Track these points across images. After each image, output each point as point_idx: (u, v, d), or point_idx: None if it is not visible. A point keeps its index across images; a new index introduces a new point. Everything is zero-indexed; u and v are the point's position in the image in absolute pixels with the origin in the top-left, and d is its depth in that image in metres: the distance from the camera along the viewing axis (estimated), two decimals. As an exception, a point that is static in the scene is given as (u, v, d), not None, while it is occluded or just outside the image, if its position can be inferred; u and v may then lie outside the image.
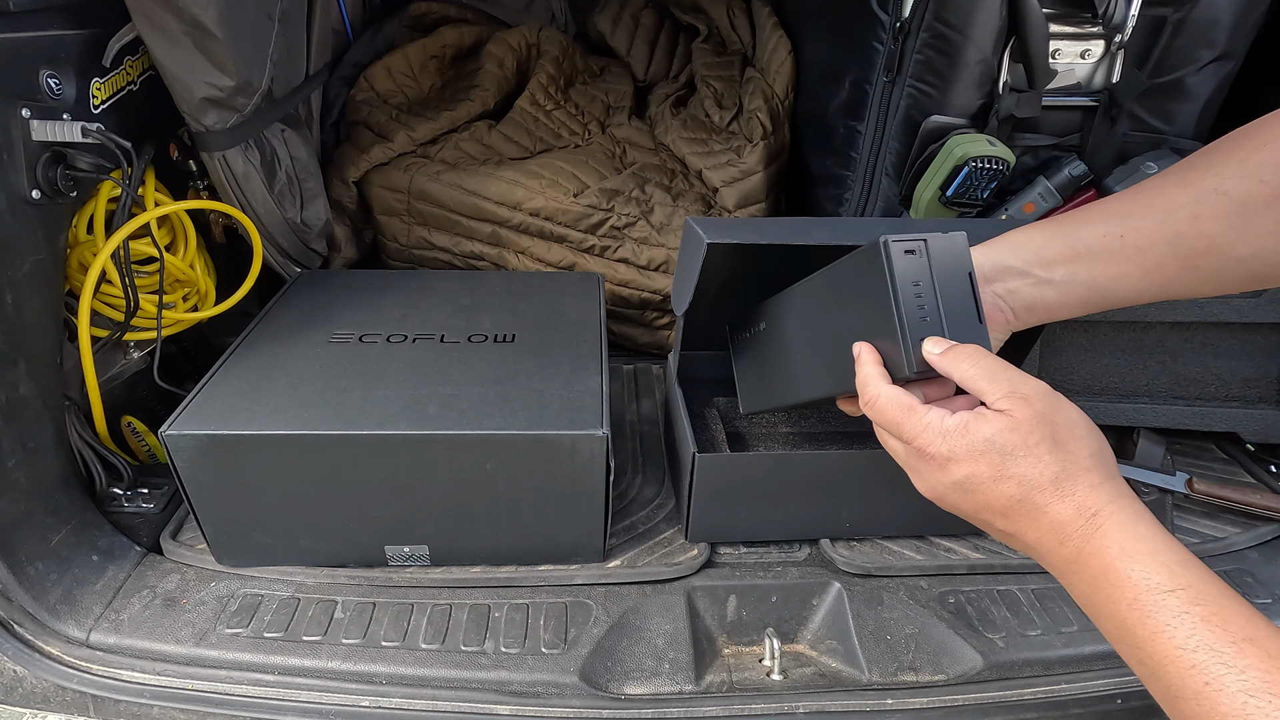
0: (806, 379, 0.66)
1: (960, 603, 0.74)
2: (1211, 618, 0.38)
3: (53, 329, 0.74)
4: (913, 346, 0.51)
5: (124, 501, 0.81)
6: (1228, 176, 0.48)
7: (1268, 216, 0.47)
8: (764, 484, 0.75)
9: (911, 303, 0.51)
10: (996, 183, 0.86)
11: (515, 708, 0.65)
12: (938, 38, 0.85)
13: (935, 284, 0.52)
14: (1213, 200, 0.49)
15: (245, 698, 0.66)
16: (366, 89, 1.25)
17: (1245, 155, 0.48)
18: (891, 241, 0.52)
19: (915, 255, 0.52)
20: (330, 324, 0.84)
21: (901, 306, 0.51)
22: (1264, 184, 0.47)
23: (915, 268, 0.52)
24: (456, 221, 1.12)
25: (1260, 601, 0.75)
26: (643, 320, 1.13)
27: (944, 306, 0.52)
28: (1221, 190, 0.48)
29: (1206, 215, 0.49)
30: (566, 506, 0.72)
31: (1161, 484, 0.87)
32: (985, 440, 0.45)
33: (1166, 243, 0.51)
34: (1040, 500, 0.44)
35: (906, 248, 0.52)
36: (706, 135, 1.24)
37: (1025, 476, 0.44)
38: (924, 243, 0.52)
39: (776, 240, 0.67)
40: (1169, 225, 0.50)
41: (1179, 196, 0.50)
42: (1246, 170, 0.48)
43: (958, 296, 0.52)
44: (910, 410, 0.49)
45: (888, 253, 0.52)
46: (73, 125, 0.68)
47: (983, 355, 0.48)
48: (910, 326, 0.51)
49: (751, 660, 0.71)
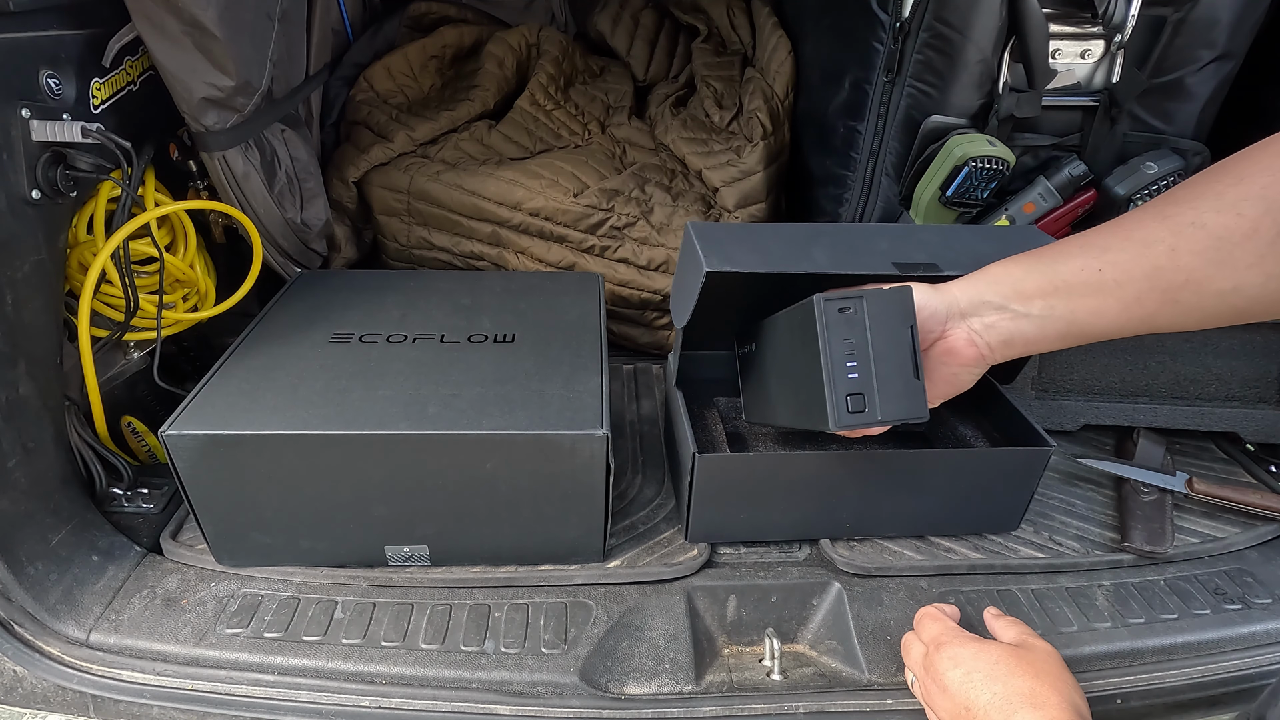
0: (782, 407, 0.70)
1: (960, 603, 0.74)
2: None
3: (53, 329, 0.74)
4: (837, 402, 0.54)
5: (124, 501, 0.81)
6: (1205, 210, 0.48)
7: (1247, 250, 0.46)
8: (764, 484, 0.75)
9: (840, 360, 0.55)
10: (996, 183, 0.86)
11: (515, 708, 0.65)
12: (937, 38, 0.85)
13: (870, 342, 0.55)
14: (1190, 234, 0.48)
15: (245, 698, 0.66)
16: (366, 89, 1.25)
17: (1222, 189, 0.48)
18: (824, 301, 0.55)
19: (850, 312, 0.55)
20: (330, 324, 0.84)
21: (829, 361, 0.54)
22: (1241, 217, 0.46)
23: (849, 323, 0.55)
24: (456, 221, 1.12)
25: (1260, 601, 0.76)
26: (643, 320, 1.13)
27: (876, 365, 0.55)
28: (1199, 224, 0.48)
29: (1184, 249, 0.49)
30: (566, 506, 0.72)
31: (1161, 484, 0.87)
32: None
33: (1145, 277, 0.50)
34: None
35: (840, 305, 0.55)
36: (706, 135, 1.24)
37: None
38: (861, 299, 0.56)
39: (775, 268, 0.67)
40: (1147, 259, 0.50)
41: (1157, 230, 0.50)
42: (1224, 204, 0.47)
43: (893, 352, 0.55)
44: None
45: (821, 311, 0.55)
46: (73, 125, 0.68)
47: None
48: (835, 383, 0.55)
49: (751, 660, 0.71)
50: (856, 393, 0.55)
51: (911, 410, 0.55)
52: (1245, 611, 0.75)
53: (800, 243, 0.72)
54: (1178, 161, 0.87)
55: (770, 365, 0.71)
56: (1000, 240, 0.76)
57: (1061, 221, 0.91)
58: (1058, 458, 0.92)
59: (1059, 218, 0.91)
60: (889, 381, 0.55)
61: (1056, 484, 0.90)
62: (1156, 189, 0.86)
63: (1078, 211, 0.91)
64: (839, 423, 0.54)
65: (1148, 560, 0.80)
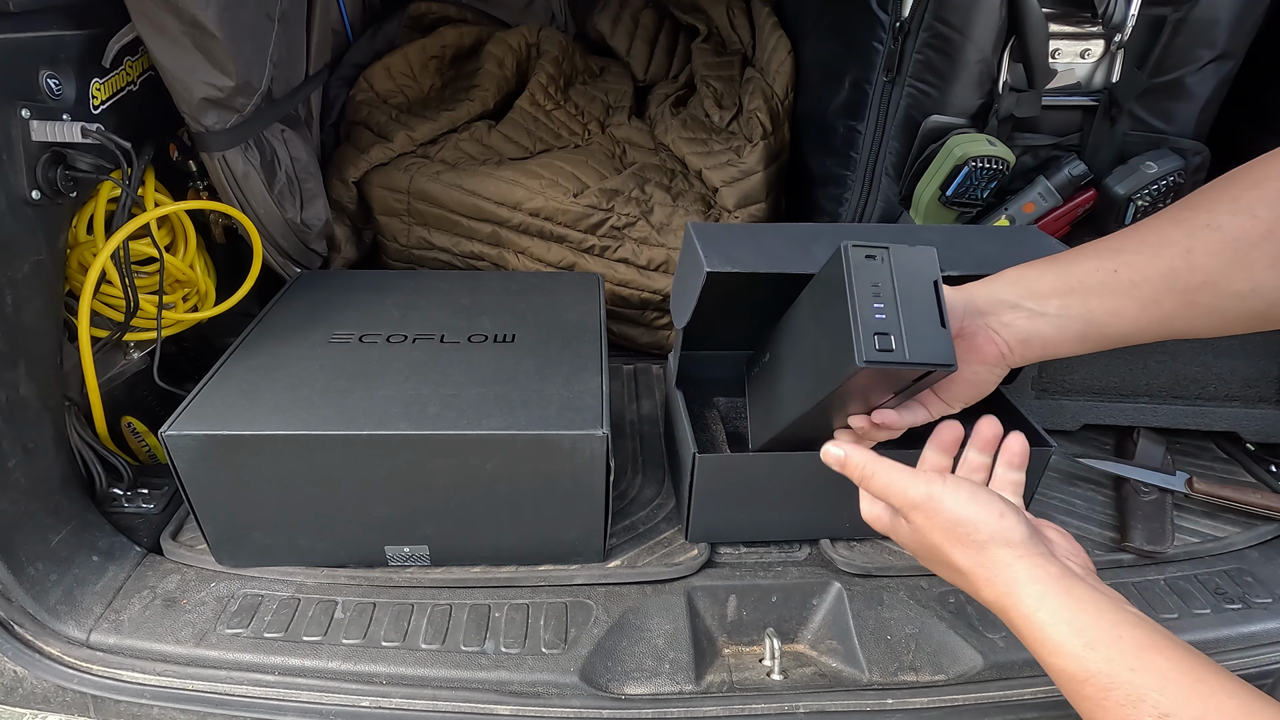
0: (794, 395, 0.68)
1: (960, 602, 0.74)
2: (1125, 702, 0.39)
3: (53, 329, 0.74)
4: (864, 338, 0.53)
5: (124, 502, 0.81)
6: (1220, 213, 0.48)
7: (1264, 251, 0.47)
8: (764, 484, 0.75)
9: (867, 301, 0.54)
10: (996, 182, 0.86)
11: (515, 708, 0.65)
12: (937, 37, 0.85)
13: (896, 288, 0.54)
14: (1206, 235, 0.49)
15: (245, 698, 0.66)
16: (366, 89, 1.25)
17: (1238, 193, 0.48)
18: (852, 246, 0.55)
19: (876, 260, 0.55)
20: (330, 324, 0.84)
21: (856, 302, 0.53)
22: (1257, 219, 0.47)
23: (875, 271, 0.55)
24: (456, 222, 1.12)
25: (1260, 601, 0.76)
26: (643, 320, 1.13)
27: (903, 309, 0.54)
28: (1215, 226, 0.48)
29: (1200, 250, 0.49)
30: (566, 506, 0.72)
31: (1161, 484, 0.87)
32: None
33: (1161, 277, 0.50)
34: (971, 587, 0.50)
35: (867, 253, 0.55)
36: (706, 135, 1.24)
37: (948, 570, 0.52)
38: (886, 250, 0.55)
39: (776, 268, 0.67)
40: (1163, 260, 0.50)
41: (1172, 232, 0.51)
42: (1239, 207, 0.48)
43: (919, 301, 0.54)
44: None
45: (847, 255, 0.55)
46: (72, 126, 0.68)
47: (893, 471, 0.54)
48: (863, 321, 0.53)
49: (752, 660, 0.71)
50: (884, 332, 0.53)
51: (939, 354, 0.53)
52: (1245, 611, 0.75)
53: (801, 243, 0.72)
54: (1178, 161, 0.87)
55: (786, 358, 0.69)
56: (1002, 241, 0.76)
57: (1061, 221, 0.91)
58: (1058, 458, 0.92)
59: (1059, 217, 0.91)
60: (916, 327, 0.53)
61: (1056, 484, 0.90)
62: (1156, 189, 0.86)
63: (1078, 211, 0.91)
64: (866, 357, 0.52)
65: (1148, 560, 0.80)
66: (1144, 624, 0.42)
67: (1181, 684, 0.38)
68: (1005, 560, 0.47)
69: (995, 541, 0.48)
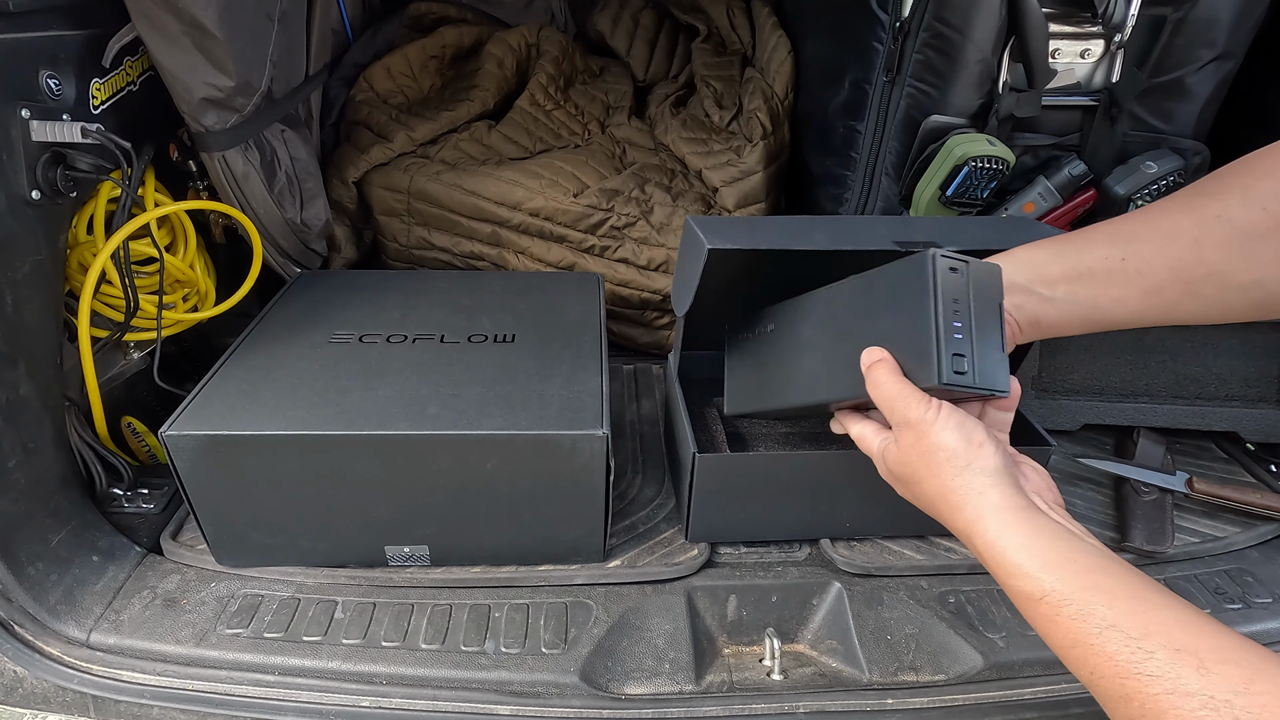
0: (817, 382, 0.66)
1: (960, 602, 0.74)
2: (1076, 616, 0.42)
3: (53, 329, 0.74)
4: (944, 358, 0.52)
5: (124, 502, 0.81)
6: (1232, 204, 0.49)
7: (1270, 245, 0.47)
8: (764, 484, 0.75)
9: (949, 319, 0.53)
10: (996, 182, 0.86)
11: (515, 708, 0.65)
12: (937, 37, 0.85)
13: (971, 305, 0.54)
14: (1215, 227, 0.49)
15: (245, 698, 0.66)
16: (366, 89, 1.25)
17: (1250, 183, 0.49)
18: (940, 256, 0.54)
19: (957, 274, 0.54)
20: (330, 324, 0.84)
21: (939, 318, 0.53)
22: (1267, 212, 0.47)
23: (956, 285, 0.54)
24: (456, 222, 1.12)
25: (1260, 601, 0.76)
26: (643, 320, 1.13)
27: (975, 328, 0.53)
28: (1225, 217, 0.49)
29: (1209, 241, 0.49)
30: (566, 506, 0.72)
31: (1161, 483, 0.87)
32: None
33: (1168, 268, 0.51)
34: (941, 513, 0.53)
35: (951, 265, 0.54)
36: (706, 135, 1.24)
37: (923, 496, 0.54)
38: (967, 264, 0.54)
39: (777, 245, 0.67)
40: (1171, 250, 0.51)
41: (1183, 222, 0.51)
42: (1250, 198, 0.48)
43: (988, 321, 0.54)
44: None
45: (934, 266, 0.53)
46: (72, 126, 0.68)
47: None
48: (945, 341, 0.52)
49: (752, 660, 0.71)
50: (960, 354, 0.53)
51: (1000, 380, 0.54)
52: (1245, 611, 0.75)
53: (799, 229, 0.72)
54: (1177, 161, 0.87)
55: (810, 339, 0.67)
56: (998, 228, 0.76)
57: (1061, 221, 0.91)
58: (1058, 457, 0.92)
59: (1059, 217, 0.91)
60: (986, 352, 0.53)
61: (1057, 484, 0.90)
62: (1156, 189, 0.86)
63: (1077, 211, 0.91)
64: (945, 380, 0.52)
65: (1148, 560, 0.80)
66: (1097, 551, 0.45)
67: (1128, 600, 0.41)
68: (977, 488, 0.49)
69: (971, 469, 0.50)
